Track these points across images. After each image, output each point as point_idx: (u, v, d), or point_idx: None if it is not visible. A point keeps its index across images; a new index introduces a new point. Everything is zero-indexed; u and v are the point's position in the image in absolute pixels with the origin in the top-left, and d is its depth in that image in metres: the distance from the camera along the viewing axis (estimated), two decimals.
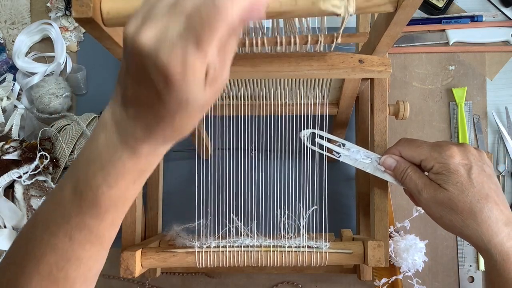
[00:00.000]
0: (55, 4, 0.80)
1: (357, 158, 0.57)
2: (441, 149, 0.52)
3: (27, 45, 0.80)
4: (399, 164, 0.55)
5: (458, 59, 0.79)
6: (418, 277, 0.68)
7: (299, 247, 0.57)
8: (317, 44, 0.48)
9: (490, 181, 0.52)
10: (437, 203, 0.52)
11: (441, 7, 0.78)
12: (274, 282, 0.76)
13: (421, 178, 0.53)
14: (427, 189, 0.52)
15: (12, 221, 0.71)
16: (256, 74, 0.52)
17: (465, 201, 0.50)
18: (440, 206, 0.52)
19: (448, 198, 0.51)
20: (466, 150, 0.53)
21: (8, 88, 0.79)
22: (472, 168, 0.51)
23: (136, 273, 0.56)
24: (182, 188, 0.77)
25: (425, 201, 0.53)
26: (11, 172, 0.71)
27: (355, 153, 0.57)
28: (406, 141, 0.56)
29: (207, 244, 0.57)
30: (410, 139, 0.56)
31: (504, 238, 0.49)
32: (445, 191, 0.51)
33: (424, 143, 0.54)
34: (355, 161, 0.57)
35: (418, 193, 0.53)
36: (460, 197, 0.50)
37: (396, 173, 0.55)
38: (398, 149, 0.56)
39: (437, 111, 0.78)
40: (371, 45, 0.54)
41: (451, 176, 0.51)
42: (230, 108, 0.63)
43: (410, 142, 0.55)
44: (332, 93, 0.61)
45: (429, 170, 0.53)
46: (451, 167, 0.51)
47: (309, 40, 0.47)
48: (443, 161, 0.51)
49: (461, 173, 0.51)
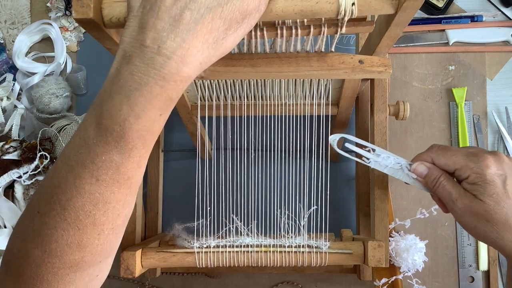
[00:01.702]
0: (55, 4, 0.80)
1: (387, 164, 0.56)
2: (476, 159, 0.52)
3: (27, 45, 0.80)
4: (431, 172, 0.54)
5: (458, 59, 0.79)
6: (418, 277, 0.69)
7: (299, 247, 0.57)
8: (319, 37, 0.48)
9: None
10: (472, 214, 0.51)
11: (441, 7, 0.78)
12: (274, 282, 0.76)
13: (455, 187, 0.53)
14: (462, 199, 0.52)
15: (12, 221, 0.71)
16: (256, 74, 0.52)
17: (501, 213, 0.50)
18: (475, 217, 0.51)
19: (484, 209, 0.50)
20: (500, 159, 0.52)
21: (8, 88, 0.79)
22: (507, 178, 0.51)
23: (136, 273, 0.56)
24: (182, 188, 0.77)
25: (459, 211, 0.52)
26: (11, 172, 0.71)
27: (385, 159, 0.56)
28: (439, 148, 0.55)
29: (207, 244, 0.57)
30: (443, 146, 0.55)
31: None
32: (481, 203, 0.50)
33: (458, 151, 0.53)
34: (385, 167, 0.56)
35: (452, 202, 0.53)
36: (496, 208, 0.50)
37: (428, 181, 0.55)
38: (431, 156, 0.55)
39: (437, 111, 0.78)
40: (371, 46, 0.54)
41: (487, 187, 0.50)
42: (230, 108, 0.63)
43: (444, 150, 0.54)
44: (332, 93, 0.61)
45: (463, 179, 0.52)
46: (488, 177, 0.50)
47: (311, 31, 0.47)
48: (479, 172, 0.51)
49: (497, 184, 0.50)
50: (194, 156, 0.74)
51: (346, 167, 0.77)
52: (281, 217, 0.58)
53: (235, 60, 0.51)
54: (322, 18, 0.46)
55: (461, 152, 0.53)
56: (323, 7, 0.42)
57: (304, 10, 0.42)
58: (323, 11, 0.42)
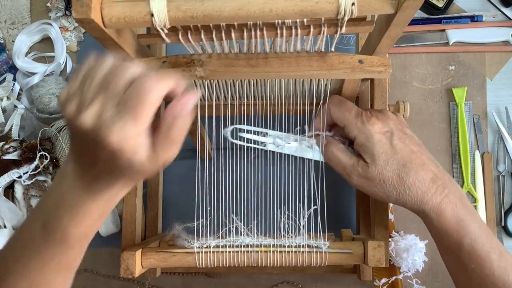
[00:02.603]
0: (55, 4, 0.80)
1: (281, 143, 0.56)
2: (364, 118, 0.53)
3: (27, 45, 0.80)
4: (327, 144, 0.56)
5: (458, 59, 0.79)
6: (418, 277, 0.69)
7: (299, 247, 0.57)
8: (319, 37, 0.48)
9: (411, 143, 0.52)
10: (369, 181, 0.52)
11: (441, 7, 0.78)
12: (274, 282, 0.76)
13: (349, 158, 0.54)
14: (355, 170, 0.53)
15: (12, 221, 0.71)
16: (256, 74, 0.52)
17: (393, 170, 0.51)
18: (371, 182, 0.52)
19: (377, 172, 0.51)
20: (385, 116, 0.53)
21: (8, 88, 0.79)
22: (394, 134, 0.52)
23: (136, 273, 0.56)
24: (182, 188, 0.77)
25: (356, 183, 0.54)
26: (11, 172, 0.71)
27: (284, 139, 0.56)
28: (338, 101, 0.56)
29: (207, 244, 0.57)
30: (341, 99, 0.56)
31: (434, 195, 0.50)
32: (373, 167, 0.51)
33: (352, 108, 0.54)
34: (282, 147, 0.56)
35: (347, 175, 0.54)
36: (388, 167, 0.51)
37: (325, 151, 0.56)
38: (329, 106, 0.56)
39: (437, 111, 0.78)
40: (371, 46, 0.54)
41: (375, 148, 0.51)
42: (230, 108, 0.63)
43: (341, 103, 0.55)
44: (332, 93, 0.61)
45: (352, 138, 0.54)
46: (374, 137, 0.51)
47: (311, 30, 0.47)
48: (365, 131, 0.52)
49: (383, 142, 0.51)
50: (194, 156, 0.74)
51: None
52: (281, 217, 0.58)
53: (234, 60, 0.51)
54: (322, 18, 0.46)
55: (354, 109, 0.54)
56: (323, 7, 0.42)
57: (304, 10, 0.42)
58: (323, 11, 0.42)
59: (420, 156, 0.52)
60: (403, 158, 0.51)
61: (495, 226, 0.75)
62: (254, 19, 0.43)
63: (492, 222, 0.75)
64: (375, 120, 0.52)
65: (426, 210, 0.51)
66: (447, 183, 0.51)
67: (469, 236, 0.49)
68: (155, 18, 0.43)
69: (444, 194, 0.50)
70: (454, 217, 0.50)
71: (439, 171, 0.52)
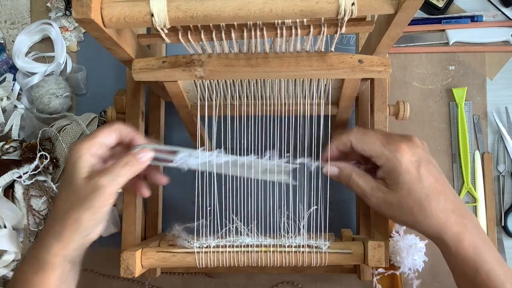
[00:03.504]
0: (55, 4, 0.80)
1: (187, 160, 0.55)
2: (392, 147, 0.52)
3: (27, 45, 0.80)
4: (341, 171, 0.56)
5: (458, 59, 0.79)
6: (418, 277, 0.69)
7: (299, 247, 0.57)
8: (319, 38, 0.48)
9: (436, 171, 0.53)
10: (387, 205, 0.53)
11: (441, 7, 0.78)
12: (274, 282, 0.76)
13: (367, 183, 0.54)
14: (375, 194, 0.53)
15: (12, 221, 0.71)
16: (256, 74, 0.52)
17: (414, 199, 0.51)
18: (391, 207, 0.52)
19: (397, 199, 0.51)
20: (414, 145, 0.53)
21: (8, 88, 0.79)
22: (421, 164, 0.52)
23: (136, 273, 0.56)
24: (182, 188, 0.76)
25: (375, 205, 0.54)
26: (11, 172, 0.71)
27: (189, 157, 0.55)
28: (358, 132, 0.55)
29: (207, 244, 0.57)
30: (362, 130, 0.56)
31: (454, 225, 0.51)
32: (394, 193, 0.52)
33: (375, 137, 0.54)
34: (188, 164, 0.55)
35: (367, 198, 0.54)
36: (411, 196, 0.51)
37: (341, 178, 0.56)
38: (350, 139, 0.55)
39: (437, 111, 0.78)
40: (371, 46, 0.54)
41: (401, 176, 0.51)
42: (230, 108, 0.63)
43: (362, 135, 0.55)
44: (332, 93, 0.61)
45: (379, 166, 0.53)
46: (403, 166, 0.51)
47: (311, 30, 0.47)
48: (394, 160, 0.51)
49: (411, 171, 0.51)
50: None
51: None
52: (281, 217, 0.58)
53: (234, 60, 0.51)
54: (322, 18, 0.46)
55: (378, 138, 0.54)
56: (323, 7, 0.42)
57: (304, 10, 0.42)
58: (323, 11, 0.42)
59: (442, 185, 0.52)
60: (428, 187, 0.51)
61: (495, 226, 0.75)
62: (254, 19, 0.43)
63: (492, 222, 0.75)
64: (404, 148, 0.52)
65: (445, 238, 0.51)
66: (465, 213, 0.52)
67: (486, 265, 0.50)
68: (155, 18, 0.43)
69: (463, 224, 0.51)
70: (472, 246, 0.50)
71: (458, 201, 0.53)
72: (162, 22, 0.43)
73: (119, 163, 0.51)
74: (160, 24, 0.44)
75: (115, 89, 0.68)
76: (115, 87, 0.69)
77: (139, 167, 0.52)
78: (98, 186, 0.48)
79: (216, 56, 0.51)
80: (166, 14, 0.43)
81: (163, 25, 0.44)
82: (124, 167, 0.51)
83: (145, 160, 0.53)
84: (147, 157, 0.53)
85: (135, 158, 0.52)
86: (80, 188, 0.49)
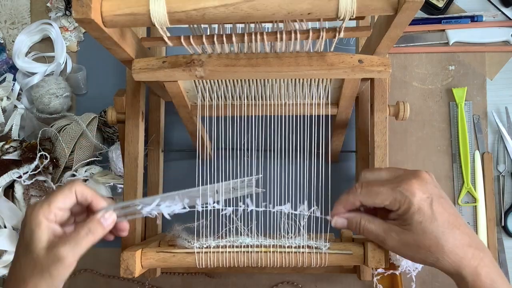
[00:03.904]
0: (55, 4, 0.80)
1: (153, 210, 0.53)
2: (401, 188, 0.51)
3: (27, 45, 0.80)
4: (350, 221, 0.55)
5: (458, 59, 0.79)
6: (418, 277, 0.68)
7: (299, 247, 0.57)
8: (318, 40, 0.48)
9: (448, 205, 0.52)
10: (404, 245, 0.52)
11: (441, 7, 0.78)
12: (274, 282, 0.76)
13: (379, 226, 0.53)
14: (389, 237, 0.52)
15: (12, 221, 0.71)
16: (256, 74, 0.52)
17: (430, 237, 0.50)
18: (408, 247, 0.51)
19: (413, 239, 0.51)
20: (423, 181, 0.51)
21: (8, 88, 0.79)
22: (433, 200, 0.51)
23: (136, 273, 0.56)
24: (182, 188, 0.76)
25: (391, 248, 0.53)
26: (11, 172, 0.71)
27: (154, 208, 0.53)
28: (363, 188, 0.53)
29: (207, 244, 0.57)
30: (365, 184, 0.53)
31: (471, 259, 0.50)
32: (409, 233, 0.51)
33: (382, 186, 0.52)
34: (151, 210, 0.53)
35: (382, 242, 0.53)
36: (426, 234, 0.50)
37: (351, 228, 0.55)
38: (359, 199, 0.54)
39: (437, 111, 0.78)
40: (371, 47, 0.54)
41: (414, 216, 0.50)
42: (230, 108, 0.63)
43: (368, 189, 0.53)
44: (332, 93, 0.61)
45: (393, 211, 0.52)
46: (415, 206, 0.50)
47: (310, 35, 0.47)
48: (406, 202, 0.50)
49: (424, 210, 0.50)
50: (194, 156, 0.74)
51: (346, 167, 0.77)
52: (281, 217, 0.58)
53: (234, 60, 0.51)
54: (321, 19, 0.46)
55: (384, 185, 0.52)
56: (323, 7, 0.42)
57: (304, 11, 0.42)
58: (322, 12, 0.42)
59: (456, 219, 0.52)
60: (443, 224, 0.50)
61: (495, 226, 0.75)
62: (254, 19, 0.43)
63: (492, 222, 0.75)
64: (415, 188, 0.51)
65: (463, 273, 0.51)
66: (480, 245, 0.52)
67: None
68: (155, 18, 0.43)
69: (480, 257, 0.51)
70: (488, 279, 0.50)
71: (472, 233, 0.53)
72: (162, 22, 0.43)
73: (81, 231, 0.49)
74: (160, 24, 0.44)
75: (115, 89, 0.68)
76: (115, 87, 0.69)
77: (102, 232, 0.51)
78: (58, 257, 0.47)
79: (216, 56, 0.51)
80: (166, 14, 0.43)
81: (163, 25, 0.44)
82: (86, 237, 0.49)
83: (109, 224, 0.51)
84: (111, 220, 0.51)
85: (99, 223, 0.50)
86: (39, 258, 0.47)
